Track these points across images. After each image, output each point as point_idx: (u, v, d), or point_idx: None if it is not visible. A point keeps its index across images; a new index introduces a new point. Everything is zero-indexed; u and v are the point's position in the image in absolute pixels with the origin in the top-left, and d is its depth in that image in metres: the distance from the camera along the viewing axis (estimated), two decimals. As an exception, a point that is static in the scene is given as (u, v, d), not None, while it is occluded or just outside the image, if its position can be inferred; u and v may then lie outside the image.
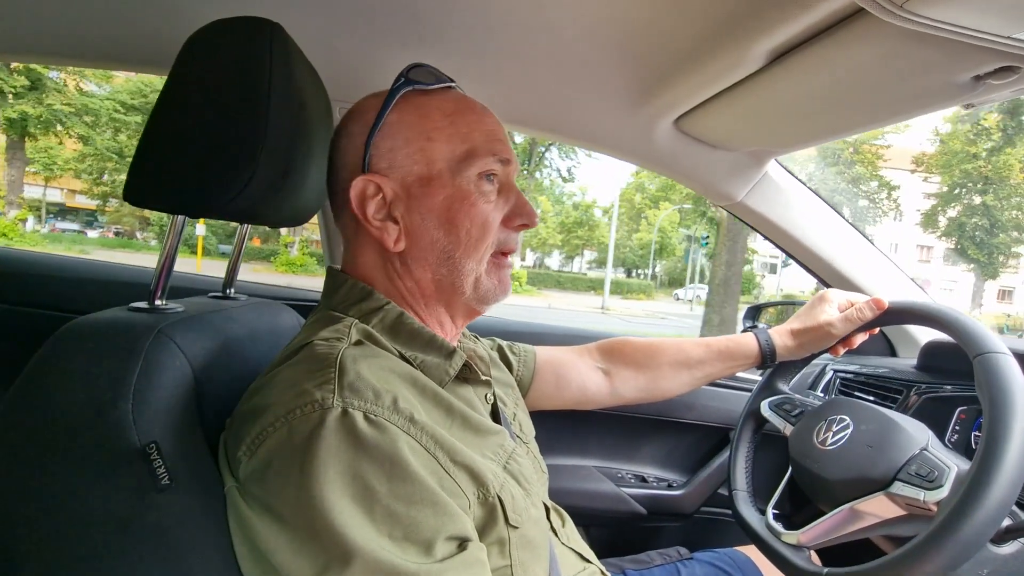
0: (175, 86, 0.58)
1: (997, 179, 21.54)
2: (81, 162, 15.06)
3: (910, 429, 0.74)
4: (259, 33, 0.58)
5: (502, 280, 0.65)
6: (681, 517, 1.28)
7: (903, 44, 0.61)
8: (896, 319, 0.88)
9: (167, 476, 0.49)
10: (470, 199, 0.60)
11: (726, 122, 0.96)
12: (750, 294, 26.57)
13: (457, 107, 0.62)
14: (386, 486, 0.46)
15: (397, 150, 0.60)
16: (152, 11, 0.85)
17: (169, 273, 0.63)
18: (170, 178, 0.58)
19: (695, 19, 0.71)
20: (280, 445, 0.47)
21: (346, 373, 0.50)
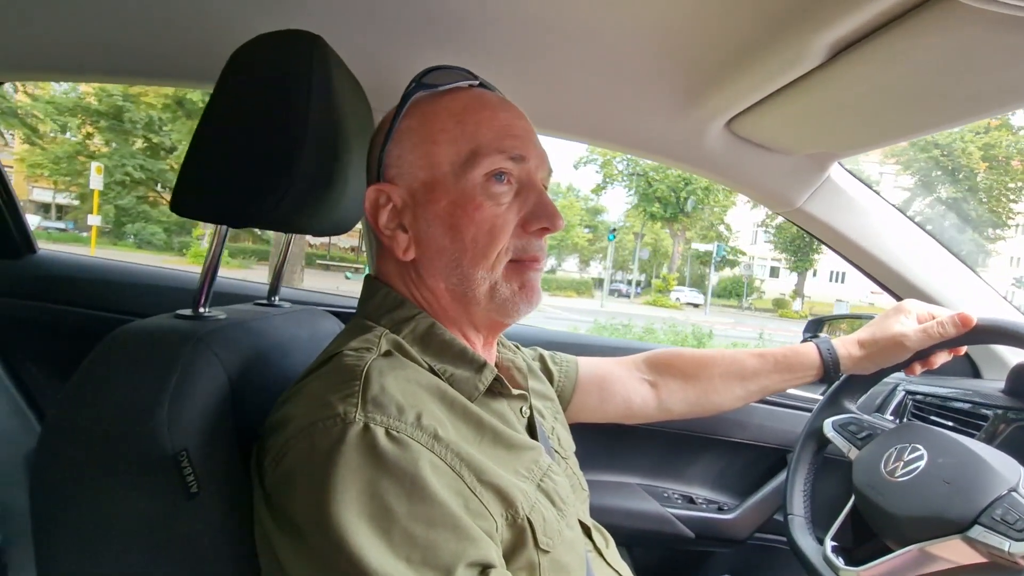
0: (219, 99, 0.60)
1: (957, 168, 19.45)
2: (56, 164, 15.98)
3: (997, 466, 0.65)
4: (301, 46, 0.60)
5: (525, 286, 0.60)
6: (732, 543, 1.20)
7: (991, 30, 0.54)
8: (985, 338, 0.78)
9: (196, 484, 0.50)
10: (474, 202, 0.57)
11: (783, 123, 0.89)
12: (736, 298, 25.22)
13: (467, 106, 0.59)
14: (406, 507, 0.44)
15: (404, 156, 0.59)
16: (198, 26, 0.89)
17: (212, 281, 0.66)
18: (213, 189, 0.60)
19: (747, 15, 0.66)
20: (302, 458, 0.46)
21: (371, 387, 0.49)
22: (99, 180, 13.08)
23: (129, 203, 17.40)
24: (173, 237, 18.54)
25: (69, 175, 15.97)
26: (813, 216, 1.07)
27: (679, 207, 24.13)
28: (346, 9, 0.82)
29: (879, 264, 1.07)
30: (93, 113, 15.26)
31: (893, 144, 0.88)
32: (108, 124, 15.44)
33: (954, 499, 0.64)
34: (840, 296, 22.52)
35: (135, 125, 15.48)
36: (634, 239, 26.93)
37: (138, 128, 15.59)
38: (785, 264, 26.56)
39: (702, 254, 25.51)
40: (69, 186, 17.11)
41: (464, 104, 0.60)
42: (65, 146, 16.01)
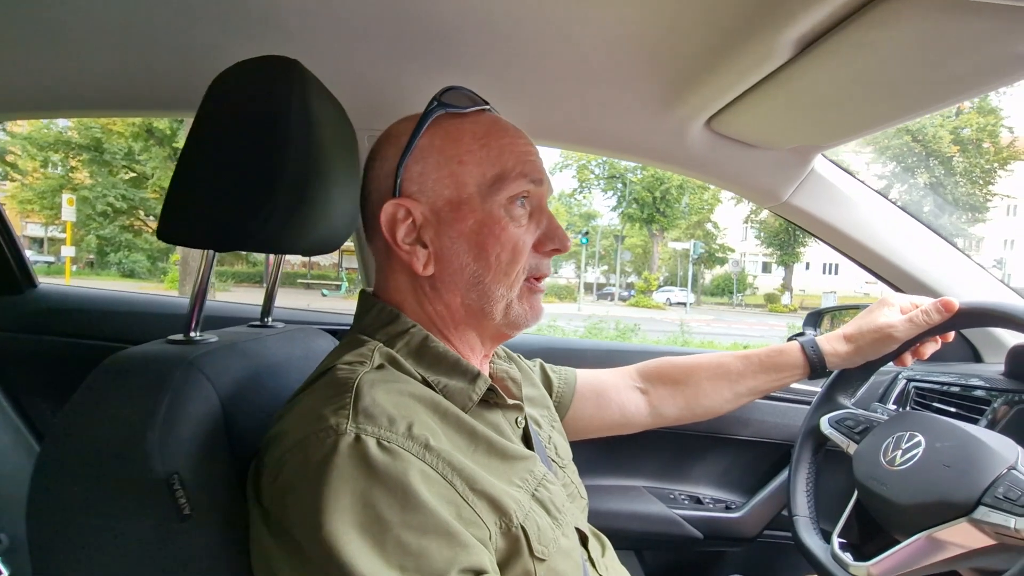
0: (201, 127, 0.61)
1: (930, 153, 19.96)
2: (42, 198, 15.99)
3: (994, 445, 0.66)
4: (280, 71, 0.60)
5: (534, 306, 0.64)
6: (741, 541, 1.19)
7: (948, 17, 0.55)
8: (970, 322, 0.79)
9: (188, 506, 0.50)
10: (500, 223, 0.59)
11: (762, 119, 0.90)
12: (728, 295, 25.52)
13: (489, 130, 0.61)
14: (398, 515, 0.45)
15: (427, 174, 0.60)
16: (178, 56, 0.90)
17: (202, 305, 0.66)
18: (198, 215, 0.60)
19: (714, 15, 0.68)
20: (297, 471, 0.47)
21: (362, 398, 0.49)
22: (71, 212, 13.17)
23: (112, 233, 17.32)
24: (157, 264, 18.42)
25: (53, 209, 15.89)
26: (801, 209, 1.08)
27: (655, 207, 24.34)
28: (325, 33, 0.83)
29: (870, 253, 1.08)
30: (75, 147, 15.23)
31: (872, 133, 0.89)
32: (90, 156, 15.39)
33: (956, 482, 0.64)
34: (833, 288, 22.78)
35: (115, 156, 15.43)
36: (626, 242, 27.13)
37: (118, 159, 15.54)
38: (773, 258, 26.85)
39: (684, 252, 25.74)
40: (53, 220, 17.06)
41: (486, 128, 0.61)
42: (49, 181, 15.95)
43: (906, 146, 21.12)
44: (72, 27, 0.85)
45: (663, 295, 24.52)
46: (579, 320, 10.85)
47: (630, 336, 8.78)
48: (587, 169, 25.66)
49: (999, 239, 26.81)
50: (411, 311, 0.62)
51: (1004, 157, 21.33)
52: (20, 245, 1.34)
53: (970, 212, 21.94)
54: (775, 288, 26.18)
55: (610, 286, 27.64)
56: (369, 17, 0.79)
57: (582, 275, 25.32)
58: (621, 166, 24.15)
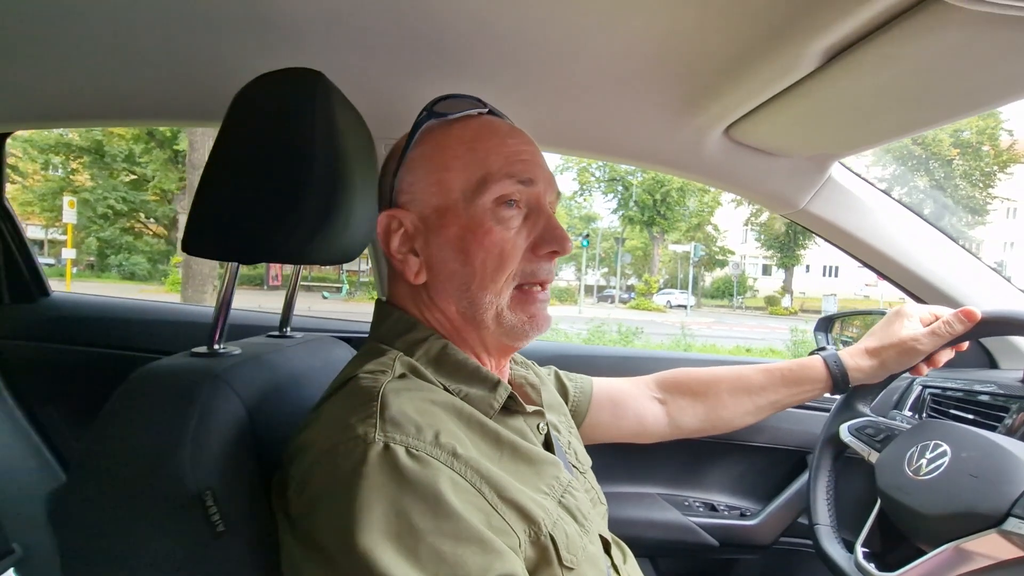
0: (225, 140, 0.61)
1: (929, 156, 20.00)
2: (43, 201, 15.98)
3: (1022, 455, 0.65)
4: (303, 83, 0.61)
5: (532, 315, 0.61)
6: (757, 549, 1.19)
7: (982, 30, 0.55)
8: (992, 330, 0.79)
9: (222, 523, 0.50)
10: (484, 227, 0.58)
11: (781, 128, 0.90)
12: (729, 297, 25.51)
13: (477, 133, 0.61)
14: (431, 523, 0.45)
15: (417, 183, 0.61)
16: (202, 68, 0.91)
17: (226, 317, 0.66)
18: (222, 227, 0.60)
19: (741, 25, 0.67)
20: (326, 481, 0.47)
21: (388, 407, 0.49)
22: (72, 214, 13.21)
23: (112, 235, 17.33)
24: (157, 266, 18.41)
25: (53, 211, 15.93)
26: (818, 216, 1.08)
27: (655, 210, 24.35)
28: (346, 45, 0.83)
29: (888, 260, 1.08)
30: (75, 149, 15.26)
31: (891, 142, 0.89)
32: (90, 159, 15.42)
33: (984, 493, 0.64)
34: (833, 290, 22.80)
35: (115, 158, 15.45)
36: (627, 244, 27.12)
37: (118, 161, 15.57)
38: (773, 261, 26.84)
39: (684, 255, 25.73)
40: (53, 222, 17.12)
41: (475, 132, 0.61)
42: (50, 183, 15.97)
43: (906, 149, 21.18)
44: (98, 40, 0.85)
45: (663, 297, 24.50)
46: (581, 323, 10.85)
47: (632, 339, 8.77)
48: (587, 172, 25.68)
49: (999, 242, 26.83)
50: (418, 319, 0.62)
51: (1004, 160, 21.36)
52: (32, 253, 1.35)
53: (970, 215, 21.97)
54: (775, 291, 26.17)
55: (611, 288, 27.62)
56: (386, 29, 0.79)
57: (583, 277, 25.32)
58: (622, 169, 24.15)
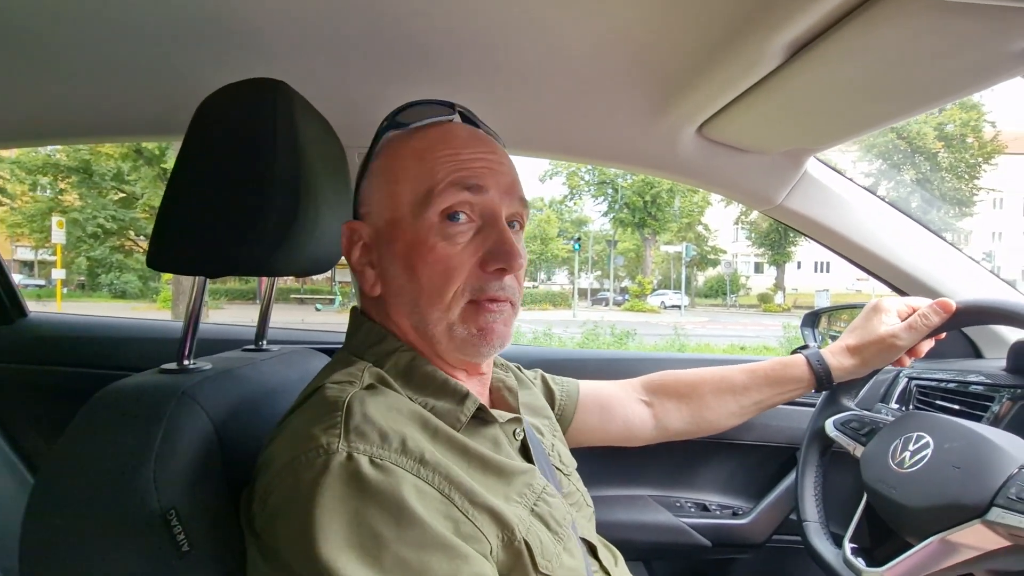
0: (188, 153, 0.60)
1: (914, 150, 20.33)
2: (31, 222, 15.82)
3: (1004, 445, 0.65)
4: (264, 94, 0.60)
5: (483, 328, 0.57)
6: (751, 548, 1.18)
7: (937, 19, 0.55)
8: (968, 320, 0.80)
9: (187, 542, 0.49)
10: (427, 243, 0.56)
11: (753, 124, 0.90)
12: (722, 296, 25.70)
13: (431, 144, 0.59)
14: (394, 532, 0.44)
15: (373, 195, 0.61)
16: (164, 81, 0.90)
17: (195, 332, 0.65)
18: (187, 241, 0.60)
19: (704, 23, 0.68)
20: (287, 494, 0.46)
21: (353, 416, 0.49)
22: (61, 234, 13.16)
23: (102, 254, 17.23)
24: (149, 284, 18.29)
25: (43, 232, 15.84)
26: (795, 212, 1.08)
27: (646, 211, 24.48)
28: (314, 53, 0.83)
29: (866, 253, 1.09)
30: (64, 169, 15.19)
31: (864, 135, 0.90)
32: (79, 179, 15.35)
33: (967, 484, 0.64)
34: (825, 286, 22.94)
35: (103, 177, 15.39)
36: (619, 246, 27.22)
37: (107, 180, 15.50)
38: (765, 259, 27.02)
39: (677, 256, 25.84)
40: (43, 243, 17.02)
41: (429, 142, 0.60)
42: (38, 204, 15.88)
43: (891, 143, 21.44)
44: (58, 56, 0.85)
45: (657, 298, 24.57)
46: (575, 327, 10.86)
47: (626, 341, 8.78)
48: (577, 176, 25.81)
49: (987, 232, 27.14)
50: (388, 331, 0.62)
51: (988, 152, 21.65)
52: (10, 275, 1.34)
53: (957, 207, 22.22)
54: (768, 288, 26.31)
55: (604, 291, 27.69)
56: (354, 36, 0.79)
57: (576, 281, 25.38)
58: (611, 172, 24.27)
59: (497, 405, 0.67)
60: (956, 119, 21.25)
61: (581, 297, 25.75)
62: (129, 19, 0.75)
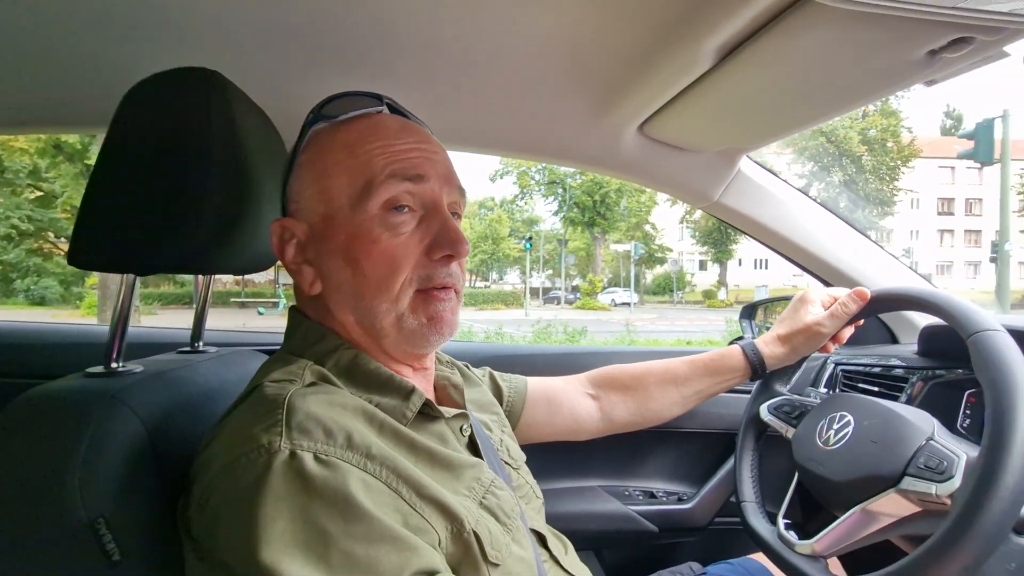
0: (114, 143, 0.57)
1: (841, 153, 22.08)
2: None
3: (913, 419, 0.70)
4: (197, 83, 0.58)
5: (432, 317, 0.58)
6: (695, 531, 1.23)
7: (850, 27, 0.60)
8: (882, 307, 0.86)
9: (117, 551, 0.47)
10: (370, 236, 0.56)
11: (689, 123, 0.94)
12: (669, 293, 26.90)
13: (361, 135, 0.58)
14: (341, 527, 0.43)
15: (303, 191, 0.59)
16: (86, 71, 0.85)
17: (124, 333, 0.62)
18: (114, 237, 0.57)
19: (640, 24, 0.70)
20: (227, 496, 0.45)
21: (295, 413, 0.47)
22: None
23: (18, 257, 15.89)
24: (71, 289, 17.01)
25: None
26: (730, 208, 1.14)
27: (596, 211, 24.98)
28: (247, 44, 0.80)
29: (794, 247, 1.16)
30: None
31: (790, 135, 0.95)
32: (-10, 178, 14.08)
33: (883, 456, 0.68)
34: (764, 282, 24.10)
35: (17, 174, 14.17)
36: (569, 245, 27.57)
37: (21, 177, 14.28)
38: (708, 256, 28.12)
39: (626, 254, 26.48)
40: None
41: (359, 134, 0.59)
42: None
43: (822, 147, 22.84)
44: None
45: (608, 296, 25.09)
46: (527, 326, 10.94)
47: (579, 339, 8.92)
48: (527, 175, 26.01)
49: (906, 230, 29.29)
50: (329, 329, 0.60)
51: (906, 155, 23.44)
52: None
53: (880, 206, 23.91)
54: (712, 285, 27.40)
55: (556, 290, 28.01)
56: (292, 27, 0.76)
57: (527, 280, 25.55)
58: (561, 171, 24.61)
59: (443, 402, 0.67)
60: (878, 125, 22.87)
61: (533, 296, 25.98)
62: (47, 3, 0.70)
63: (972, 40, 0.59)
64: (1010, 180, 9.71)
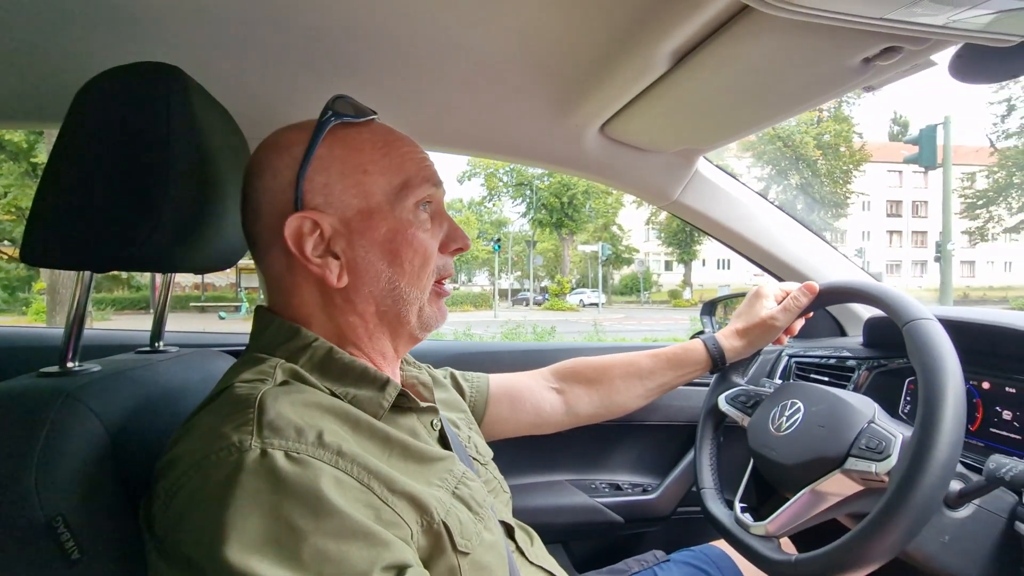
0: (69, 137, 0.56)
1: (798, 157, 23.28)
2: None
3: (856, 404, 0.75)
4: (156, 77, 0.57)
5: (441, 308, 0.67)
6: (658, 521, 1.27)
7: (791, 34, 0.63)
8: (830, 300, 0.90)
9: (77, 550, 0.46)
10: (411, 229, 0.61)
11: (648, 124, 0.98)
12: (636, 294, 27.56)
13: (387, 139, 0.62)
14: (312, 523, 0.44)
15: (332, 184, 0.59)
16: (42, 62, 0.82)
17: (80, 333, 0.60)
18: (70, 233, 0.55)
19: (598, 27, 0.73)
20: (195, 494, 0.44)
21: (266, 412, 0.48)
22: None
23: (-47, 262, 14.95)
24: (16, 294, 16.06)
25: None
26: (689, 207, 1.18)
27: (563, 212, 25.23)
28: (210, 42, 0.79)
29: (750, 244, 1.21)
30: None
31: (743, 136, 1.00)
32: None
33: (829, 439, 0.72)
34: (727, 281, 24.77)
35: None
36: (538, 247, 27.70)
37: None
38: (674, 257, 28.73)
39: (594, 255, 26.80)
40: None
41: (384, 138, 0.62)
42: None
43: (779, 151, 23.65)
44: None
45: (576, 297, 25.32)
46: (496, 327, 10.95)
47: (548, 339, 8.99)
48: (495, 177, 26.07)
49: (858, 231, 30.60)
50: (319, 325, 0.61)
51: (857, 160, 24.52)
52: None
53: (834, 208, 24.93)
54: (677, 285, 27.98)
55: (524, 291, 28.10)
56: (253, 26, 0.76)
57: (496, 282, 25.59)
58: (528, 173, 24.74)
59: None
60: (831, 130, 23.85)
61: (502, 298, 26.02)
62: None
63: (901, 49, 0.64)
64: (952, 184, 10.24)
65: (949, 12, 0.53)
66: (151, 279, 12.79)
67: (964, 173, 24.86)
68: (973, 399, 0.83)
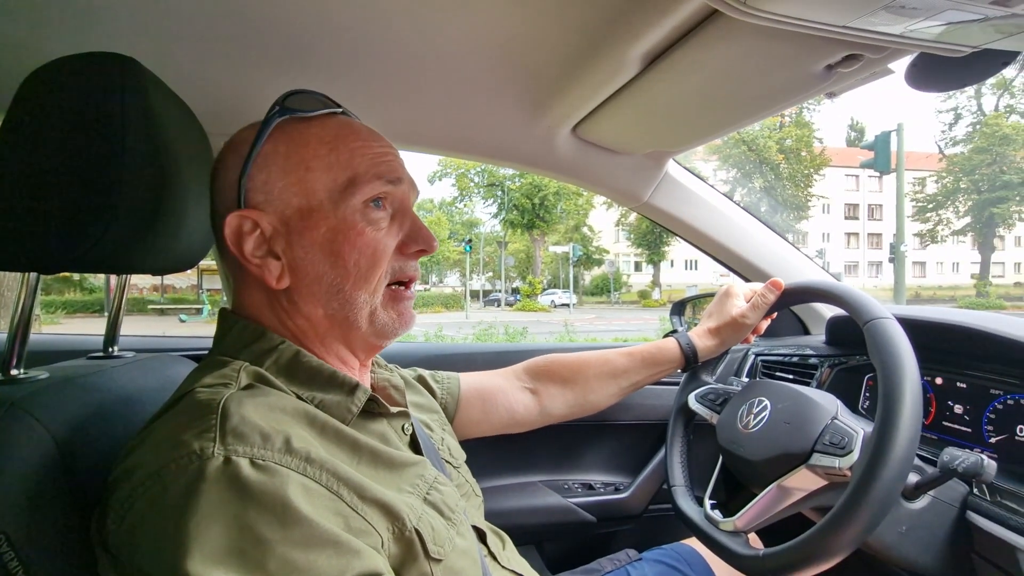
0: (11, 131, 0.52)
1: (762, 161, 24.28)
2: None
3: (820, 401, 0.77)
4: (109, 67, 0.54)
5: (402, 313, 0.62)
6: (630, 519, 1.28)
7: (757, 40, 0.65)
8: (794, 299, 0.93)
9: (22, 570, 0.43)
10: (355, 229, 0.57)
11: (619, 126, 0.99)
12: (606, 294, 28.12)
13: (338, 134, 0.59)
14: (279, 533, 0.42)
15: (273, 182, 0.57)
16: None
17: (25, 338, 0.57)
18: (14, 233, 0.52)
19: (570, 28, 0.73)
20: (152, 505, 0.42)
21: (229, 418, 0.45)
22: None
23: None
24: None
25: None
26: (659, 208, 1.20)
27: (535, 213, 25.36)
28: (169, 34, 0.76)
29: (717, 245, 1.23)
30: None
31: (712, 139, 1.02)
32: None
33: (794, 435, 0.74)
34: (694, 282, 25.31)
35: None
36: (509, 248, 27.72)
37: None
38: (643, 258, 29.20)
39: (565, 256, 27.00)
40: None
41: (335, 132, 0.59)
42: None
43: (744, 155, 24.35)
44: None
45: (547, 298, 25.45)
46: (468, 327, 10.91)
47: (520, 340, 9.01)
48: (466, 178, 26.02)
49: (819, 233, 31.71)
50: (272, 328, 0.59)
51: (817, 164, 25.43)
52: None
53: (796, 211, 25.79)
54: (647, 285, 28.43)
55: (496, 292, 28.09)
56: (217, 19, 0.73)
57: (467, 283, 25.51)
58: (500, 174, 24.75)
59: None
60: (793, 135, 24.66)
61: (473, 298, 25.96)
62: None
63: (861, 57, 0.66)
64: (904, 188, 10.71)
65: (906, 22, 0.55)
66: (105, 280, 12.30)
67: (916, 178, 26.12)
68: (927, 394, 0.87)
